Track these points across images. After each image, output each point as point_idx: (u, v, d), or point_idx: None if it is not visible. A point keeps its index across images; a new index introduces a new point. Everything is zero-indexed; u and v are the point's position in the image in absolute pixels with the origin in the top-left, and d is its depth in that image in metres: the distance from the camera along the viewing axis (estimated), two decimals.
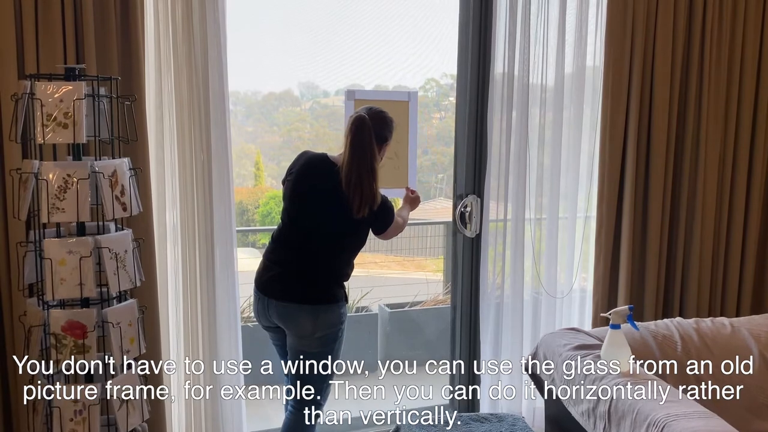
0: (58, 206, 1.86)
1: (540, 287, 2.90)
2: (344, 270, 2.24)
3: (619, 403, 1.96)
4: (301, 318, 2.17)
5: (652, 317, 2.88)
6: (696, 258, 2.92)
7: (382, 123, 2.21)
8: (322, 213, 2.16)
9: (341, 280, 2.23)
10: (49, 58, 2.10)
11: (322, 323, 2.16)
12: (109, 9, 2.16)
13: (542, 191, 2.84)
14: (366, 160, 2.12)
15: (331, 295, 2.18)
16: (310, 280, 2.17)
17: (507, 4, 2.66)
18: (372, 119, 2.16)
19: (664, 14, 2.74)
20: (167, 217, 2.40)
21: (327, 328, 2.17)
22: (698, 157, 2.88)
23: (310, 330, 2.16)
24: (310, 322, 2.16)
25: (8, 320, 2.19)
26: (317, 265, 2.18)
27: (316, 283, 2.17)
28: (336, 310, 2.18)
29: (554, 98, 2.78)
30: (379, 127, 2.19)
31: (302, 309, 2.16)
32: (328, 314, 2.17)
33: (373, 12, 6.05)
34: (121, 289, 1.99)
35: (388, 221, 2.25)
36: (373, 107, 2.24)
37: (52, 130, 1.84)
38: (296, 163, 2.24)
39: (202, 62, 2.32)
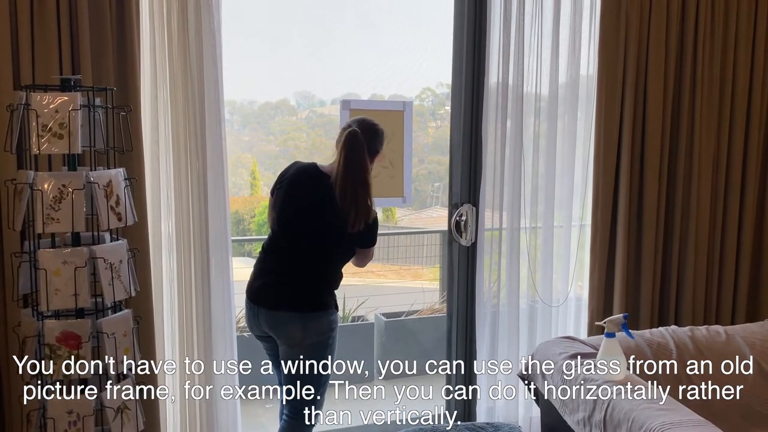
0: (53, 216, 1.86)
1: (536, 296, 2.90)
2: (333, 278, 2.24)
3: (614, 411, 1.96)
4: (290, 326, 2.17)
5: (647, 325, 2.88)
6: (691, 266, 2.93)
7: (373, 136, 2.22)
8: (313, 223, 2.17)
9: (331, 288, 2.23)
10: (44, 68, 2.11)
11: (312, 331, 2.17)
12: (104, 19, 2.16)
13: (537, 200, 2.85)
14: (360, 175, 2.13)
15: (320, 302, 2.18)
16: (299, 288, 2.18)
17: (501, 14, 2.68)
18: (364, 133, 2.17)
19: (657, 23, 2.77)
20: (162, 227, 2.40)
21: (316, 336, 2.17)
22: (692, 164, 2.90)
23: (300, 338, 2.17)
24: (300, 330, 2.16)
25: (2, 331, 2.18)
26: (307, 274, 2.18)
27: (305, 291, 2.18)
28: (325, 317, 2.18)
29: (548, 107, 2.79)
30: (371, 140, 2.21)
31: (292, 317, 2.16)
32: (317, 321, 2.17)
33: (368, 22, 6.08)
34: (116, 299, 1.99)
35: (375, 236, 2.26)
36: (365, 119, 2.24)
37: (47, 140, 1.84)
38: (287, 172, 2.25)
39: (197, 72, 2.32)
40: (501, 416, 2.91)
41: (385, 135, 2.27)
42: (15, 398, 2.13)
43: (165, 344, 2.46)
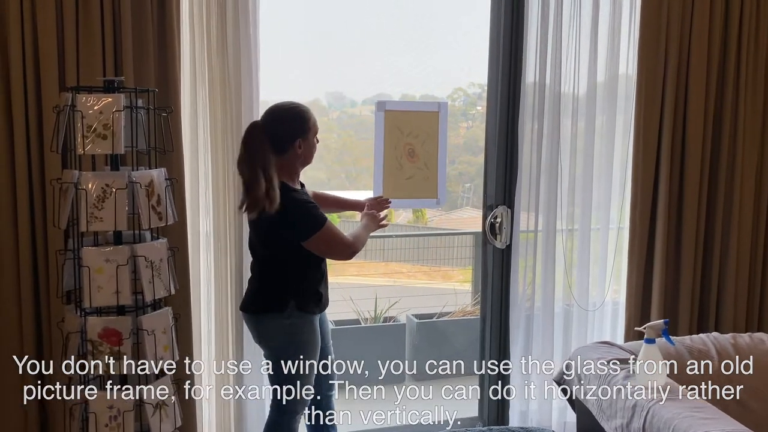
0: (97, 215, 1.90)
1: (571, 299, 2.86)
2: (291, 282, 2.17)
3: (654, 419, 1.92)
4: (250, 326, 2.27)
5: (686, 332, 2.82)
6: (732, 270, 2.85)
7: (276, 122, 2.11)
8: (252, 231, 2.22)
9: (286, 291, 2.17)
10: (88, 71, 2.16)
11: (264, 332, 2.22)
12: (146, 23, 2.21)
13: (574, 201, 2.81)
14: (251, 165, 2.05)
15: (270, 305, 2.18)
16: (254, 291, 2.25)
17: (538, 13, 2.65)
18: (266, 122, 2.12)
19: (700, 20, 2.70)
20: (200, 226, 2.44)
21: (269, 337, 2.21)
22: (734, 165, 2.82)
23: (257, 338, 2.25)
24: (255, 330, 2.25)
25: (47, 326, 2.24)
26: (258, 278, 2.23)
27: (257, 295, 2.23)
28: (278, 320, 2.17)
29: (586, 107, 2.75)
30: (274, 127, 2.10)
31: (249, 318, 2.25)
32: (268, 323, 2.20)
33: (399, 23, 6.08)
34: (156, 297, 2.02)
35: (308, 225, 2.08)
36: (273, 106, 2.14)
37: (91, 141, 1.88)
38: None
39: (235, 74, 2.35)
40: (534, 420, 2.87)
41: (303, 115, 2.13)
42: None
43: (201, 342, 2.49)
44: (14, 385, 2.22)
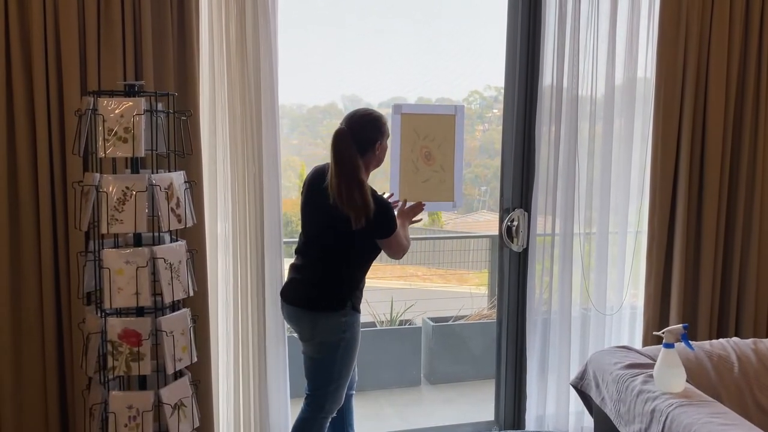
0: (117, 218, 1.93)
1: (589, 303, 2.84)
2: (349, 281, 2.25)
3: (673, 424, 1.89)
4: (302, 322, 2.28)
5: (705, 337, 2.78)
6: (753, 274, 2.81)
7: (362, 127, 2.20)
8: (321, 226, 2.24)
9: (345, 290, 2.24)
10: (109, 74, 2.19)
11: (321, 330, 2.23)
12: (166, 28, 2.24)
13: (591, 205, 2.79)
14: (347, 171, 2.13)
15: (331, 303, 2.22)
16: (313, 287, 2.26)
17: (556, 15, 2.64)
18: (351, 128, 2.18)
19: (719, 21, 2.67)
20: (219, 229, 2.46)
21: (325, 335, 2.23)
22: (755, 170, 2.78)
23: (309, 335, 2.26)
24: (309, 327, 2.26)
25: (67, 327, 2.27)
26: (320, 274, 2.25)
27: (318, 291, 2.25)
28: (336, 318, 2.22)
29: (604, 110, 2.73)
30: (361, 133, 2.18)
31: (304, 313, 2.26)
32: (326, 321, 2.22)
33: (416, 26, 6.09)
34: (175, 298, 2.04)
35: (391, 226, 2.20)
36: (354, 112, 2.23)
37: (112, 144, 1.91)
38: (308, 175, 2.32)
39: (254, 78, 2.38)
40: (551, 425, 2.85)
41: (380, 119, 2.24)
42: (79, 392, 2.22)
43: (219, 343, 2.51)
44: (36, 384, 2.26)
